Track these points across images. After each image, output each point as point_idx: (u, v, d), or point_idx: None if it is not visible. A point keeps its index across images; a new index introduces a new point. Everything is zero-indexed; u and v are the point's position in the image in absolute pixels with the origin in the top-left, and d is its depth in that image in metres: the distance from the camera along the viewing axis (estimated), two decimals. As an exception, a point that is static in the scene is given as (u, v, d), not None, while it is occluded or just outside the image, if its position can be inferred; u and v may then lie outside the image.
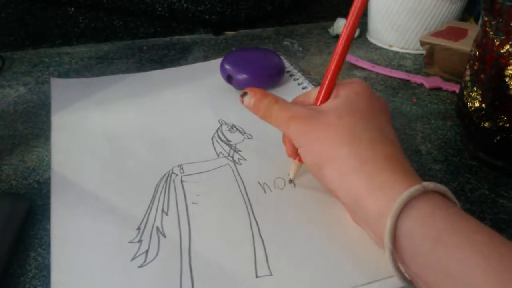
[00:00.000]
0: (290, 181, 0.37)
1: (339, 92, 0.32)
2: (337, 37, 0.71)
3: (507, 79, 0.35)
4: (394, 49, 0.66)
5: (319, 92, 0.33)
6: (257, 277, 0.29)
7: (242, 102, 0.36)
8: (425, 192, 0.25)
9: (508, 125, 0.36)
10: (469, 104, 0.40)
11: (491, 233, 0.23)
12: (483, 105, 0.38)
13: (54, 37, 0.66)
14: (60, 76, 0.57)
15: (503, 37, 0.35)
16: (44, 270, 0.30)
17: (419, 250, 0.24)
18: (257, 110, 0.35)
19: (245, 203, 0.35)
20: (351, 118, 0.30)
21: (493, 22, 0.36)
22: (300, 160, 0.35)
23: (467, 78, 0.40)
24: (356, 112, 0.31)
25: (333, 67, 0.32)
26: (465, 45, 0.54)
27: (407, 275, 0.26)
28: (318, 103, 0.33)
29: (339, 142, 0.29)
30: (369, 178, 0.27)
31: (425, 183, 0.25)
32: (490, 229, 0.24)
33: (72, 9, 0.65)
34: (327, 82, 0.32)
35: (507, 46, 0.35)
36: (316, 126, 0.31)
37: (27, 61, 0.61)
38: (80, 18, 0.66)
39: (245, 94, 0.35)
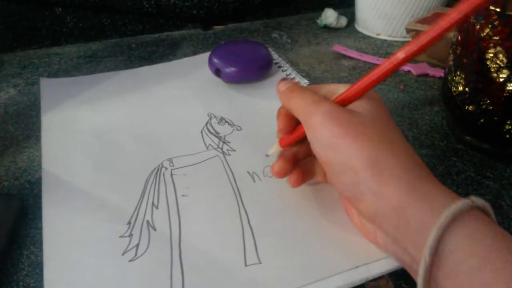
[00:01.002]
0: (267, 155, 0.38)
1: (371, 96, 0.30)
2: (325, 27, 0.71)
3: (488, 62, 0.36)
4: (382, 37, 0.66)
5: (348, 91, 0.30)
6: (246, 265, 0.30)
7: (278, 84, 0.34)
8: (472, 208, 0.24)
9: (491, 107, 0.37)
10: (453, 89, 0.40)
11: None
12: (467, 89, 0.39)
13: (42, 38, 0.66)
14: (50, 76, 0.57)
15: (482, 21, 0.36)
16: (37, 268, 0.31)
17: (463, 268, 0.22)
18: (285, 92, 0.33)
19: (235, 193, 0.35)
20: (384, 124, 0.28)
21: (473, 6, 0.36)
22: (283, 146, 0.35)
23: (451, 63, 0.41)
24: (380, 119, 0.29)
25: (384, 70, 0.28)
26: (451, 31, 0.54)
27: None
28: (341, 102, 0.30)
29: (380, 144, 0.27)
30: (412, 187, 0.25)
31: (474, 198, 0.24)
32: None
33: (60, 9, 0.65)
34: (368, 83, 0.29)
35: (487, 30, 0.35)
36: (351, 119, 0.27)
37: (17, 63, 0.61)
38: (68, 18, 0.66)
39: (284, 79, 0.34)
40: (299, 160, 0.34)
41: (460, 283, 0.22)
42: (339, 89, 0.31)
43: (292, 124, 0.34)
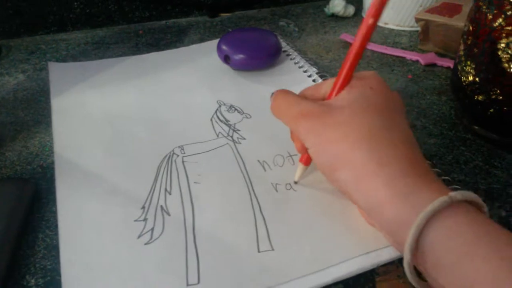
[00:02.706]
0: (295, 183, 0.36)
1: (352, 86, 0.30)
2: (333, 16, 0.71)
3: (499, 53, 0.36)
4: (390, 26, 0.66)
5: (334, 85, 0.30)
6: (259, 252, 0.30)
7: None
8: (452, 204, 0.24)
9: (501, 97, 0.37)
10: (463, 78, 0.40)
11: None
12: (477, 79, 0.39)
13: (49, 24, 0.66)
14: (57, 62, 0.57)
15: (495, 11, 0.36)
16: (53, 250, 0.31)
17: (443, 263, 0.23)
18: (273, 110, 0.33)
19: (246, 181, 0.36)
20: (368, 115, 0.28)
21: (486, -4, 0.36)
22: (306, 163, 0.35)
23: (461, 53, 0.41)
24: (372, 108, 0.28)
25: (351, 57, 0.30)
26: (460, 21, 0.54)
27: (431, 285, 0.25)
28: (332, 97, 0.30)
29: (355, 143, 0.27)
30: (389, 182, 0.25)
31: (452, 194, 0.24)
32: None
33: (67, -6, 0.65)
34: (343, 74, 0.30)
35: (500, 20, 0.35)
36: (328, 125, 0.28)
37: (24, 49, 0.61)
38: (75, 3, 0.65)
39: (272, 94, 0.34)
40: None
41: (443, 275, 0.23)
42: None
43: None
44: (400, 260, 0.30)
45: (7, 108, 0.48)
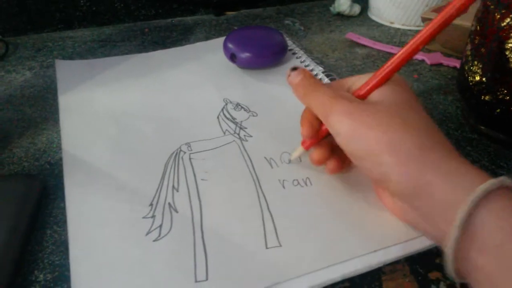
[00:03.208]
0: (289, 161, 0.37)
1: (384, 84, 0.31)
2: (338, 15, 0.71)
3: (507, 53, 0.36)
4: (396, 26, 0.66)
5: (369, 81, 0.31)
6: (267, 248, 0.30)
7: (288, 75, 0.34)
8: (501, 187, 0.24)
9: (508, 98, 0.37)
10: (470, 78, 0.40)
11: None
12: (484, 79, 0.39)
13: (56, 21, 0.66)
14: (64, 59, 0.57)
15: (503, 11, 0.36)
16: (61, 246, 0.32)
17: (492, 241, 0.23)
18: (297, 88, 0.33)
19: (253, 178, 0.36)
20: (404, 108, 0.29)
21: (494, -4, 0.36)
22: (307, 148, 0.35)
23: (468, 52, 0.41)
24: (405, 103, 0.29)
25: (399, 60, 0.30)
26: (466, 20, 0.53)
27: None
28: (364, 93, 0.31)
29: (397, 129, 0.27)
30: (436, 165, 0.26)
31: (502, 178, 0.24)
32: None
33: (73, -8, 0.65)
34: (384, 74, 0.31)
35: (508, 20, 0.35)
36: (366, 112, 0.29)
37: (31, 46, 0.62)
38: (82, 1, 0.66)
39: (294, 69, 0.34)
40: (336, 148, 0.34)
41: (488, 257, 0.23)
42: (362, 80, 0.32)
43: (315, 130, 0.34)
44: (407, 259, 0.31)
45: (14, 105, 0.48)
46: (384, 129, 0.28)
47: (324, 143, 0.34)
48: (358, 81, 0.33)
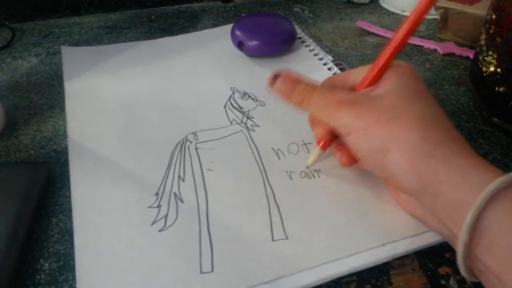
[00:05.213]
0: (307, 167, 0.36)
1: (387, 76, 0.29)
2: (348, 2, 0.69)
3: (524, 42, 0.35)
4: (407, 14, 0.65)
5: (370, 73, 0.30)
6: (273, 240, 0.30)
7: (271, 86, 0.32)
8: (510, 184, 0.23)
9: (523, 89, 0.36)
10: (484, 69, 0.39)
11: None
12: (498, 70, 0.38)
13: (62, 8, 0.65)
14: (70, 46, 0.57)
15: (521, -1, 0.34)
16: (66, 235, 0.32)
17: (501, 243, 0.22)
18: (289, 96, 0.32)
19: (260, 169, 0.36)
20: (412, 100, 0.28)
21: (512, -17, 0.35)
22: (323, 148, 0.34)
23: (483, 42, 0.40)
24: (413, 95, 0.28)
25: (395, 46, 0.29)
26: (480, 9, 0.52)
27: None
28: (369, 85, 0.30)
29: (408, 124, 0.26)
30: (446, 163, 0.25)
31: (511, 174, 0.23)
32: None
33: (80, -22, 0.64)
34: (381, 64, 0.30)
35: (525, 8, 0.34)
36: (375, 109, 0.28)
37: (37, 32, 0.61)
38: (88, -13, 0.65)
39: (276, 77, 0.32)
40: None
41: (499, 258, 0.22)
42: (365, 72, 0.31)
43: (328, 129, 0.33)
44: (416, 253, 0.30)
45: (20, 92, 0.48)
46: (396, 125, 0.27)
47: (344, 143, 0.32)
48: (361, 74, 0.31)
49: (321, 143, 0.34)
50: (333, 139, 0.33)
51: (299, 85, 0.31)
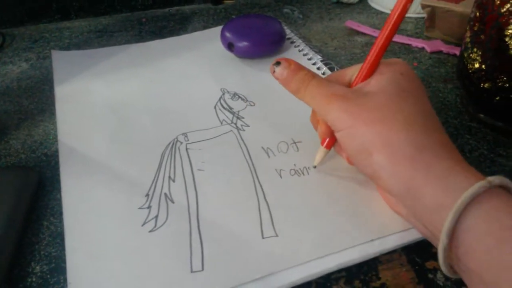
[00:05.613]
0: (314, 167, 0.36)
1: (382, 72, 0.30)
2: (337, 3, 0.70)
3: (507, 39, 0.35)
4: (395, 13, 0.65)
5: (361, 70, 0.30)
6: (263, 238, 0.30)
7: (273, 71, 0.33)
8: (489, 188, 0.23)
9: (507, 85, 0.37)
10: (469, 66, 0.40)
11: None
12: (483, 66, 0.38)
13: (53, 12, 0.66)
14: (61, 50, 0.57)
15: (503, -4, 0.35)
16: (58, 238, 0.32)
17: (480, 248, 0.22)
18: (288, 83, 0.32)
19: (250, 168, 0.36)
20: (402, 100, 0.28)
21: (494, -19, 0.36)
22: (328, 147, 0.34)
23: (467, 39, 0.40)
24: (406, 94, 0.28)
25: (382, 41, 0.30)
26: (466, 7, 0.53)
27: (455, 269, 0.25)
28: (360, 81, 0.30)
29: (393, 126, 0.27)
30: (427, 167, 0.25)
31: (491, 178, 0.24)
32: None
33: (69, -18, 0.64)
34: (371, 60, 0.30)
35: (508, 5, 0.35)
36: (364, 107, 0.28)
37: (28, 37, 0.61)
38: (78, -9, 0.65)
39: (277, 64, 0.33)
40: None
41: (478, 260, 0.23)
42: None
43: (330, 128, 0.33)
44: (404, 249, 0.30)
45: (11, 97, 0.48)
46: (382, 127, 0.27)
47: None
48: (357, 71, 0.32)
49: (325, 143, 0.34)
50: (336, 138, 0.33)
51: (299, 73, 0.32)
